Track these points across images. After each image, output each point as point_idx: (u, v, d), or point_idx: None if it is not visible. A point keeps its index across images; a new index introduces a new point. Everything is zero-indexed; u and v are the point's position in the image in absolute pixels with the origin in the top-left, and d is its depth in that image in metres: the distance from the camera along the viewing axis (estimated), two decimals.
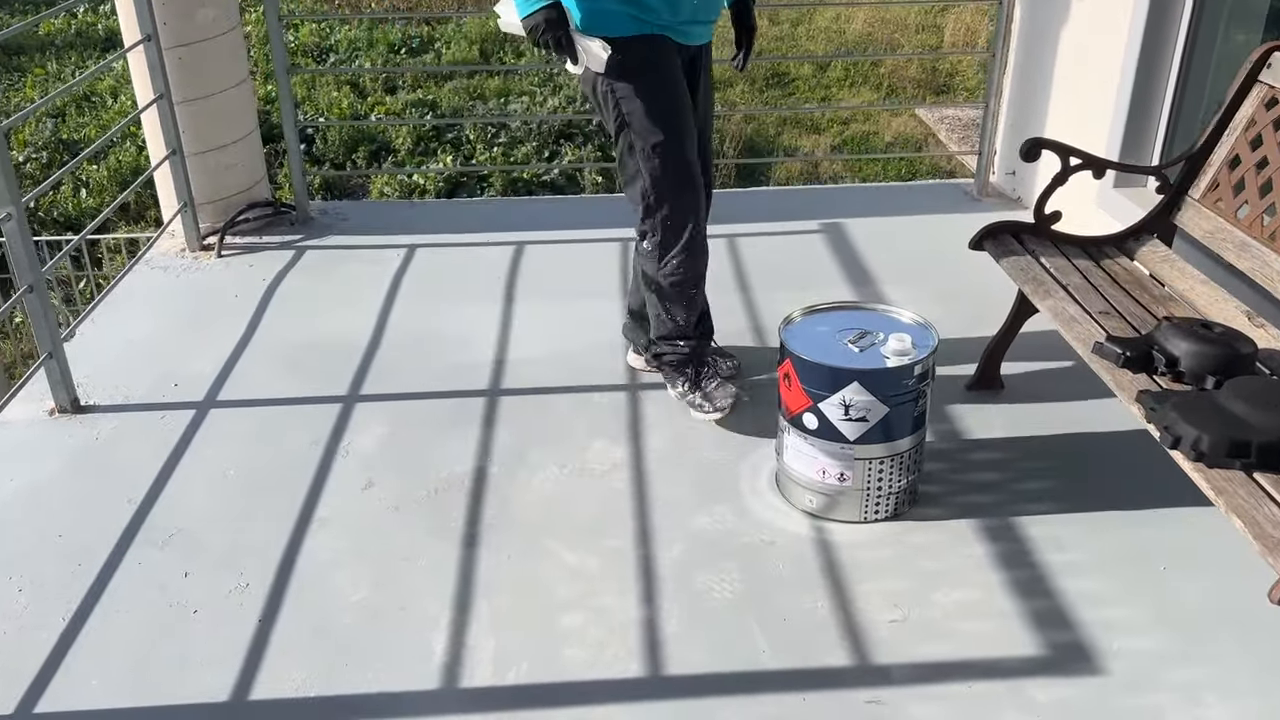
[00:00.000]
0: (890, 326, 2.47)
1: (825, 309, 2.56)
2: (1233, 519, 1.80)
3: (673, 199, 2.67)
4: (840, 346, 2.40)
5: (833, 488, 2.44)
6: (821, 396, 2.33)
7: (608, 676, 2.09)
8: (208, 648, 2.18)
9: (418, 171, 10.08)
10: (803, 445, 2.42)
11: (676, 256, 2.73)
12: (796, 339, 2.41)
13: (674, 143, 2.62)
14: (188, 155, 3.85)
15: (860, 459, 2.38)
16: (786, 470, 2.51)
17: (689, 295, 2.81)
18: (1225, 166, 2.75)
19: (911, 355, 2.34)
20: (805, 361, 2.34)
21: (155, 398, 3.05)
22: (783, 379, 2.43)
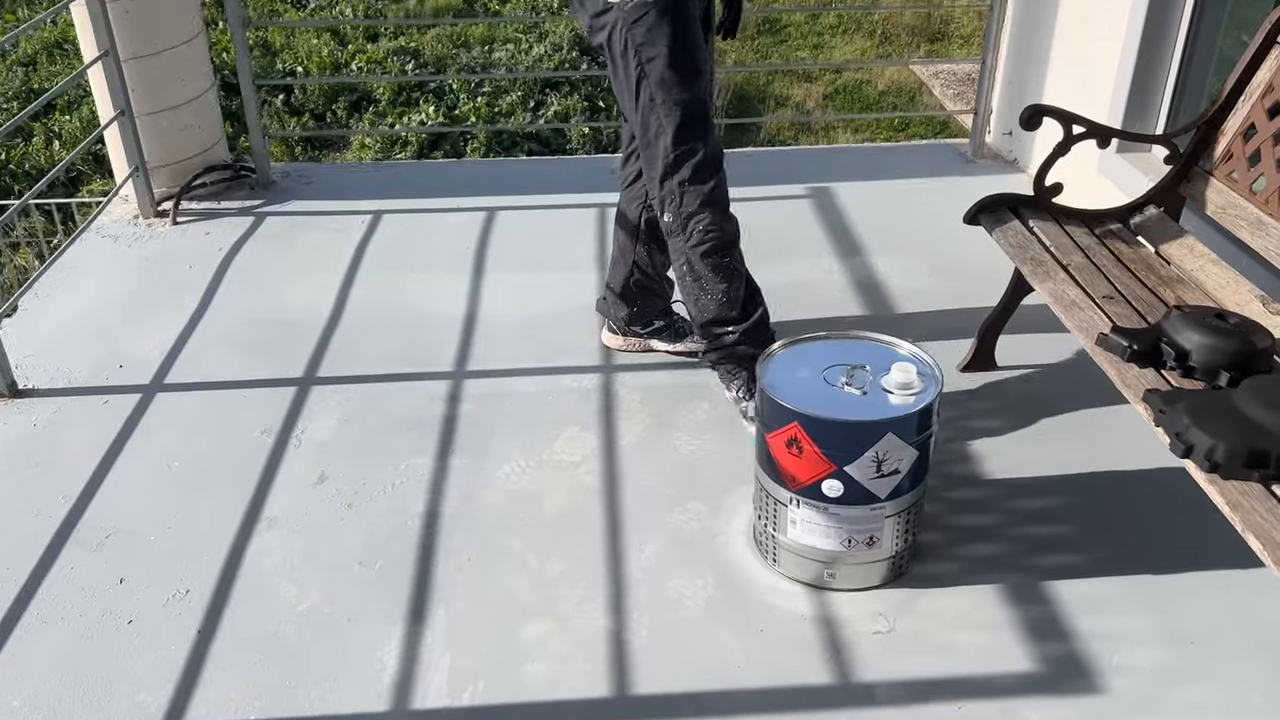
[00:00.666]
0: (876, 356, 2.13)
1: (796, 344, 2.18)
2: (1249, 539, 1.65)
3: (694, 156, 2.41)
4: (838, 392, 2.04)
5: (860, 556, 2.11)
6: (849, 458, 1.98)
7: (570, 696, 1.95)
8: (141, 663, 2.02)
9: (386, 132, 9.79)
10: (819, 517, 2.06)
11: (703, 218, 2.45)
12: (793, 394, 2.01)
13: (698, 96, 2.40)
14: (138, 115, 3.63)
15: (890, 515, 2.07)
16: (793, 548, 2.14)
17: (725, 264, 2.51)
18: (1239, 136, 2.56)
19: (917, 385, 2.03)
20: (826, 422, 1.96)
21: (99, 380, 2.87)
22: (784, 446, 2.03)
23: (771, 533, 2.15)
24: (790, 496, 2.07)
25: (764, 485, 2.13)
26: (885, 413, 1.99)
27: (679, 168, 2.43)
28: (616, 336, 2.94)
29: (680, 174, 2.43)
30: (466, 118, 10.24)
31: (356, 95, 11.36)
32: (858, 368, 2.08)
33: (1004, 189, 2.81)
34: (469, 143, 10.43)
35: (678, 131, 2.40)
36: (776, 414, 2.02)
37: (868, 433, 1.96)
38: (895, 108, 9.10)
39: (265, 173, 3.98)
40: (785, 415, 1.99)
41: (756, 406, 2.17)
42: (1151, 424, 1.91)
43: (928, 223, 3.63)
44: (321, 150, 10.86)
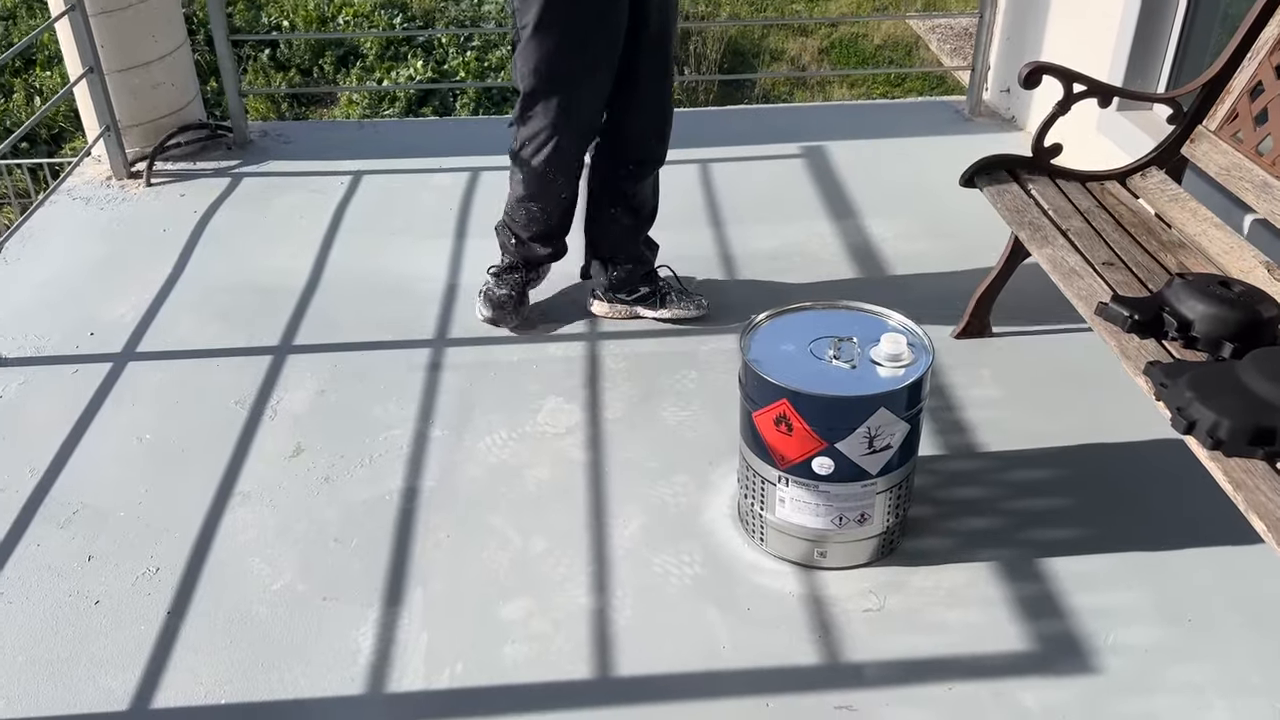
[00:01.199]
0: (864, 326, 2.05)
1: (781, 315, 2.09)
2: (1253, 519, 1.58)
3: (521, 130, 2.60)
4: (827, 366, 1.95)
5: (851, 533, 2.05)
6: (840, 435, 1.91)
7: (551, 679, 1.89)
8: (109, 645, 1.96)
9: (371, 89, 9.60)
10: (809, 495, 1.99)
11: (512, 199, 2.73)
12: (780, 369, 1.92)
13: (543, 83, 2.47)
14: (108, 73, 3.51)
15: (882, 491, 2.01)
16: (782, 527, 2.07)
17: (531, 211, 2.71)
18: (1245, 94, 2.47)
19: (907, 357, 1.95)
20: (815, 399, 1.89)
21: (68, 348, 2.79)
22: (773, 424, 1.95)
23: (759, 512, 2.08)
24: (779, 475, 1.99)
25: (750, 464, 2.05)
26: (876, 387, 1.91)
27: (513, 139, 2.63)
28: (602, 303, 2.86)
29: (512, 145, 2.65)
30: (455, 72, 10.06)
31: (344, 50, 11.15)
32: (845, 340, 2.00)
33: (1001, 148, 2.72)
34: (458, 98, 10.25)
35: (520, 103, 2.54)
36: (764, 390, 1.93)
37: (859, 408, 1.89)
38: (892, 62, 8.94)
39: (242, 132, 3.87)
40: (773, 392, 1.91)
41: (743, 381, 2.06)
42: (1152, 398, 1.85)
43: (923, 183, 3.54)
44: (308, 106, 10.68)
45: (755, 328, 2.06)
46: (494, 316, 2.80)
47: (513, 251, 2.82)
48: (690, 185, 3.58)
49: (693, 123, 4.25)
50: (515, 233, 2.79)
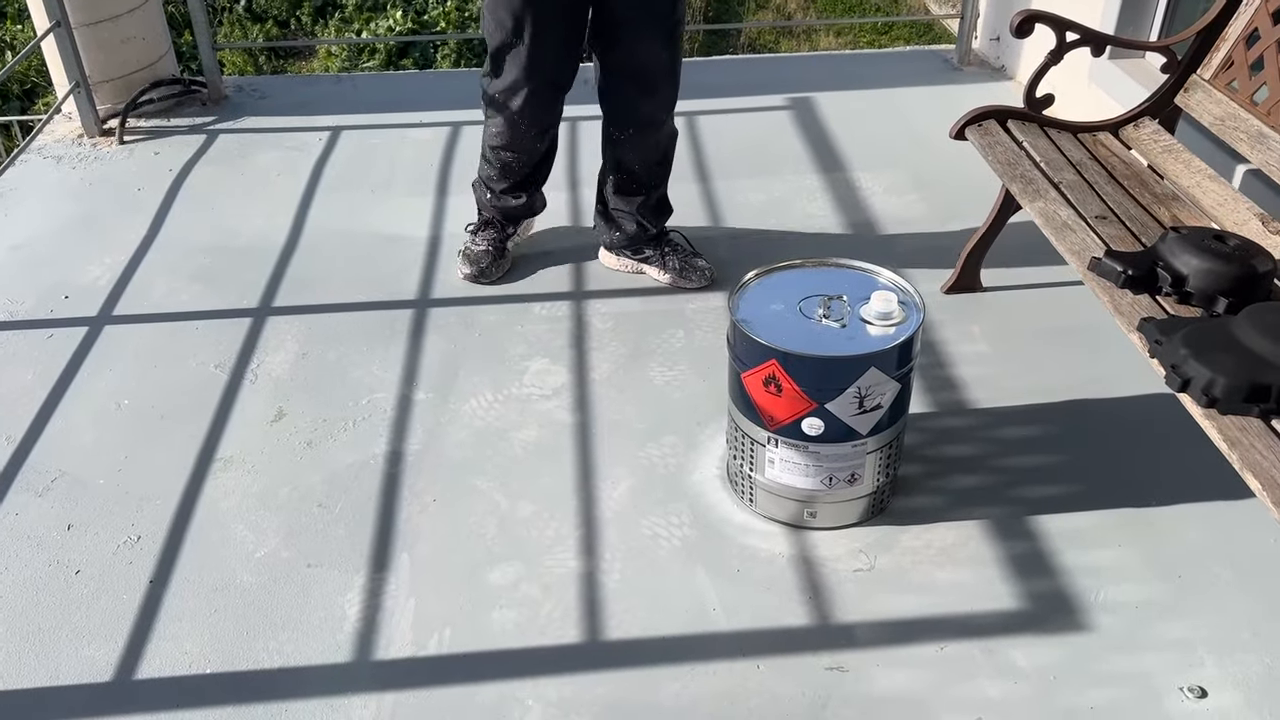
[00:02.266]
0: (853, 284, 2.00)
1: (769, 274, 2.05)
2: (1247, 477, 1.57)
3: (485, 89, 2.60)
4: (816, 326, 1.92)
5: (841, 494, 2.02)
6: (830, 395, 1.87)
7: (539, 643, 1.87)
8: (90, 615, 1.93)
9: (349, 42, 9.44)
10: (799, 456, 1.96)
11: (483, 147, 2.72)
12: (769, 329, 1.89)
13: (504, 39, 2.47)
14: (76, 27, 3.41)
15: (872, 451, 1.98)
16: (772, 488, 2.04)
17: (503, 159, 2.69)
18: (1241, 42, 2.42)
19: (898, 315, 1.92)
20: (805, 359, 1.85)
21: (43, 312, 2.73)
22: (762, 385, 1.92)
23: (748, 473, 2.06)
24: (769, 436, 1.97)
25: (739, 425, 2.02)
26: (866, 346, 1.87)
27: (485, 88, 2.60)
28: (611, 255, 2.83)
29: (485, 93, 2.61)
30: (436, 23, 9.89)
31: (321, 1, 10.95)
32: (835, 298, 1.95)
33: (991, 98, 2.68)
34: (439, 49, 10.08)
35: (490, 55, 2.53)
36: (752, 351, 1.89)
37: (849, 368, 1.85)
38: (879, 10, 8.82)
39: (217, 87, 3.78)
40: (762, 353, 1.87)
41: (732, 341, 2.01)
42: (1146, 355, 1.82)
43: (912, 135, 3.49)
44: (286, 59, 10.50)
45: (744, 287, 2.02)
46: (473, 273, 2.76)
47: (488, 206, 2.78)
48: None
49: None
50: (489, 186, 2.76)
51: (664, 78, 2.56)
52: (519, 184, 2.74)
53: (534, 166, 2.72)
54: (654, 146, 2.67)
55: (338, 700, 1.78)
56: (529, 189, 2.77)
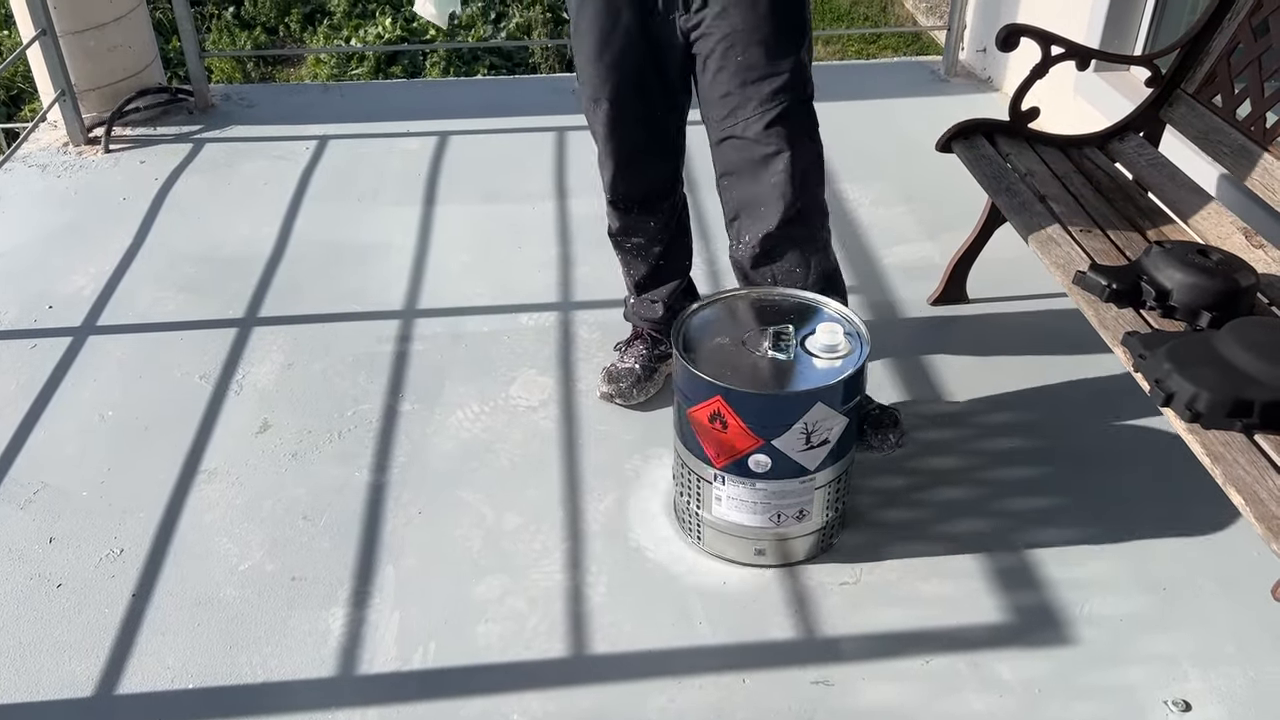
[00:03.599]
0: (798, 315, 1.97)
1: (713, 304, 2.00)
2: (1230, 493, 1.57)
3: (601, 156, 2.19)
4: (761, 360, 1.87)
5: (790, 531, 1.98)
6: (777, 431, 1.83)
7: (525, 658, 1.87)
8: (72, 629, 1.92)
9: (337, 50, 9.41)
10: (746, 494, 1.91)
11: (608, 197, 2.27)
12: (714, 364, 1.84)
13: (594, 109, 2.10)
14: (62, 35, 3.40)
15: (820, 487, 1.94)
16: (719, 525, 1.99)
17: (622, 247, 2.35)
18: (1224, 57, 2.43)
19: (844, 348, 1.87)
20: (751, 396, 1.82)
21: (26, 322, 2.71)
22: (706, 422, 1.86)
23: (696, 510, 2.00)
24: (715, 473, 1.91)
25: (685, 461, 1.97)
26: (813, 381, 1.83)
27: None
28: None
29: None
30: (425, 30, 9.87)
31: (310, 7, 10.93)
32: (781, 330, 1.90)
33: (978, 109, 2.70)
34: (428, 57, 10.08)
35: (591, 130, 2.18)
36: (697, 387, 1.84)
37: (796, 404, 1.81)
38: (866, 19, 8.84)
39: (204, 96, 3.77)
40: (707, 389, 1.82)
41: (676, 376, 1.94)
42: (1131, 369, 1.83)
43: (899, 146, 3.50)
44: (274, 66, 10.47)
45: (688, 319, 1.96)
46: (610, 392, 2.39)
47: (630, 311, 2.48)
48: None
49: None
50: (626, 282, 2.44)
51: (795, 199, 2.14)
52: (642, 281, 2.39)
53: (650, 267, 2.35)
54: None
55: (321, 715, 1.77)
56: (657, 287, 2.40)
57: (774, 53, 1.94)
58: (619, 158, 2.14)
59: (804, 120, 2.02)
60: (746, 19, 1.93)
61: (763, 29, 1.93)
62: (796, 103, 1.99)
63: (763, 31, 1.93)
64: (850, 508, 2.15)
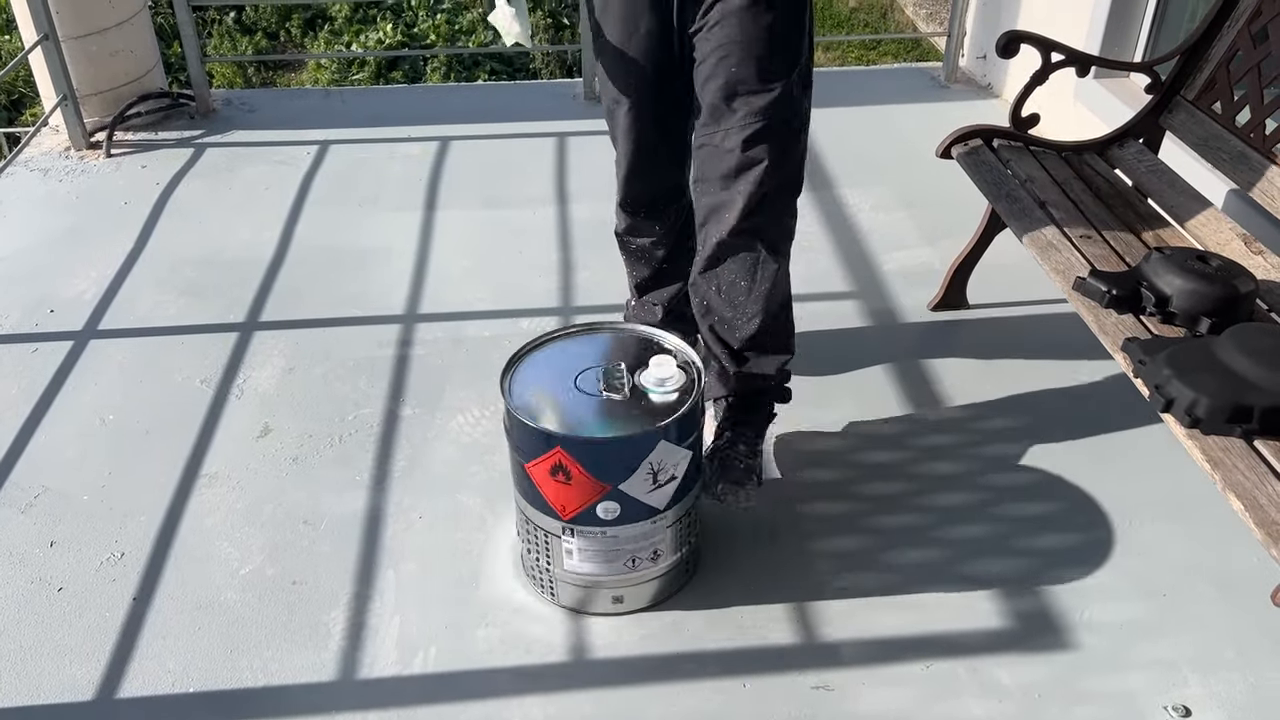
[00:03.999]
0: (627, 349, 1.91)
1: (540, 348, 1.92)
2: (1230, 498, 1.58)
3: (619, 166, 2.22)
4: (597, 402, 1.79)
5: (646, 573, 1.90)
6: (623, 476, 1.75)
7: (525, 662, 1.87)
8: (73, 633, 1.92)
9: (337, 56, 9.44)
10: (598, 543, 1.83)
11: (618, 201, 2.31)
12: (549, 413, 1.77)
13: (610, 105, 2.14)
14: (64, 40, 3.41)
15: (672, 524, 1.87)
16: (571, 578, 1.90)
17: (628, 248, 2.40)
18: (1224, 64, 2.44)
19: (677, 379, 1.81)
20: (592, 443, 1.73)
21: (27, 326, 2.72)
22: (548, 475, 1.76)
23: (546, 566, 1.91)
24: (562, 526, 1.83)
25: (529, 517, 1.88)
26: (652, 420, 1.76)
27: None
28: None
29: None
30: (425, 35, 9.90)
31: (311, 13, 10.95)
32: (612, 368, 1.85)
33: (978, 115, 2.70)
34: (429, 63, 10.09)
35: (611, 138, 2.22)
36: (534, 440, 1.75)
37: (639, 446, 1.74)
38: (866, 25, 8.87)
39: (205, 100, 3.78)
40: (545, 440, 1.73)
41: (510, 430, 1.83)
42: (1131, 374, 1.83)
43: (899, 152, 3.51)
44: (275, 71, 10.49)
45: (516, 364, 1.87)
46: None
47: (630, 314, 2.47)
48: None
49: None
50: (629, 283, 2.47)
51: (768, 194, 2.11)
52: (652, 295, 2.42)
53: (653, 281, 2.40)
54: (748, 273, 2.15)
55: (322, 719, 1.77)
56: (670, 306, 2.39)
57: (766, 71, 1.93)
58: (635, 159, 2.17)
59: (784, 143, 1.97)
60: (744, 32, 1.93)
61: (758, 46, 1.93)
62: (780, 123, 1.95)
63: (758, 48, 1.93)
64: (848, 512, 2.16)
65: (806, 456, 2.30)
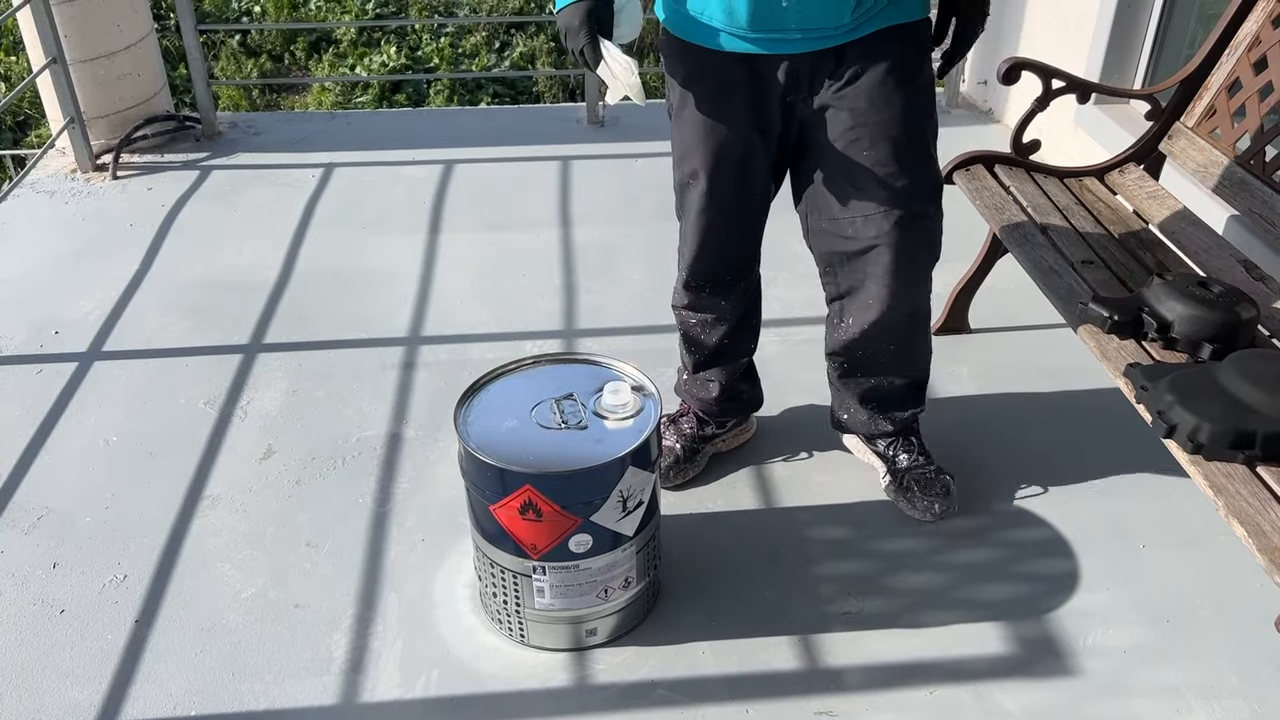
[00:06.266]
0: (578, 379, 1.89)
1: (488, 385, 1.89)
2: (1233, 524, 1.58)
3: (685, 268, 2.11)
4: (557, 435, 1.77)
5: (618, 602, 1.89)
6: (595, 507, 1.74)
7: (529, 686, 1.86)
8: (74, 655, 1.92)
9: (342, 79, 9.51)
10: (571, 578, 1.81)
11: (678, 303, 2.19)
12: (514, 452, 1.72)
13: (680, 188, 2.03)
14: (72, 63, 3.44)
15: (640, 550, 1.87)
16: (544, 617, 1.87)
17: (687, 322, 2.21)
18: (1224, 91, 2.46)
19: (634, 404, 1.81)
20: (563, 476, 1.70)
21: (32, 347, 2.73)
22: (518, 514, 1.73)
23: (515, 609, 1.88)
24: (534, 565, 1.80)
25: (495, 560, 1.84)
26: (619, 445, 1.74)
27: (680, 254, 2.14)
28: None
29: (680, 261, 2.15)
30: (429, 59, 9.96)
31: (316, 35, 11.02)
32: (565, 399, 1.83)
33: (979, 140, 2.72)
34: (432, 85, 10.15)
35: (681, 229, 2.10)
36: (501, 482, 1.72)
37: (609, 475, 1.72)
38: None
39: (211, 123, 3.80)
40: (514, 480, 1.70)
41: (470, 473, 1.79)
42: (1133, 399, 1.84)
43: None
44: (280, 93, 10.55)
45: (468, 405, 1.83)
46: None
47: (681, 387, 2.32)
48: (667, 178, 3.54)
49: (661, 114, 4.22)
50: (682, 357, 2.29)
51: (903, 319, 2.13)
52: (703, 360, 2.24)
53: (712, 351, 2.21)
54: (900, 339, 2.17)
55: None
56: (719, 366, 2.24)
57: (903, 153, 1.84)
58: (704, 240, 2.03)
59: (925, 227, 1.94)
60: (879, 111, 1.81)
61: (894, 127, 1.82)
62: (923, 206, 1.92)
63: (894, 129, 1.82)
64: (850, 537, 2.16)
65: (809, 481, 2.30)
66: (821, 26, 1.77)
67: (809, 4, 1.74)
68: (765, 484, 2.30)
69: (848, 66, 1.81)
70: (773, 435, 2.42)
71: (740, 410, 2.32)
